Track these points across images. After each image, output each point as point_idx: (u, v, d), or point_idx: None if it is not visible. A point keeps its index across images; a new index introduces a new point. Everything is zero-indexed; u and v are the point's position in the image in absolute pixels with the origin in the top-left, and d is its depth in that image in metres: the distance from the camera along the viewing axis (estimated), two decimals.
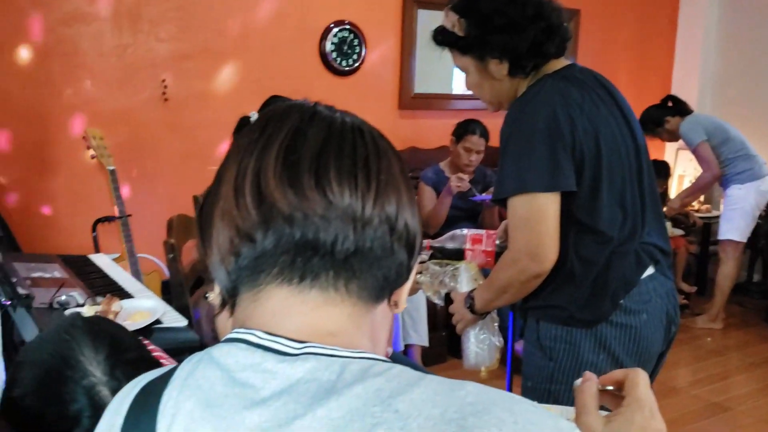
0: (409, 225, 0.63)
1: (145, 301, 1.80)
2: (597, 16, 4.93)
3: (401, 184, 0.64)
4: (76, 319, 1.03)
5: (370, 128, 0.67)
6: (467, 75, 1.59)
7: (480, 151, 3.68)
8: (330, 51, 3.83)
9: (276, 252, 0.59)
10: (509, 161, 1.45)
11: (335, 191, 0.58)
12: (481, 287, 1.61)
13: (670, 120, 4.29)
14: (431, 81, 4.42)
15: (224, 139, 2.90)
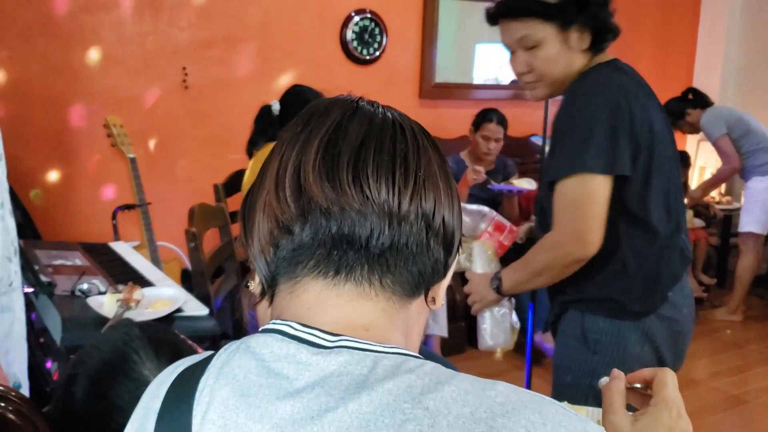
0: (446, 222, 0.63)
1: (166, 290, 1.82)
2: (619, 6, 4.83)
3: (440, 181, 0.64)
4: (134, 328, 0.98)
5: (412, 124, 0.66)
6: (541, 48, 1.50)
7: (498, 139, 3.66)
8: (351, 39, 3.82)
9: (313, 245, 0.60)
10: (567, 142, 1.44)
11: (372, 187, 0.59)
12: (512, 268, 1.57)
13: (691, 112, 4.25)
14: (452, 70, 4.40)
15: (245, 127, 2.90)
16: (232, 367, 0.59)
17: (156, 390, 0.65)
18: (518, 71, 1.55)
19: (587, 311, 1.52)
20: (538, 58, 1.51)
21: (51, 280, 1.72)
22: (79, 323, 1.55)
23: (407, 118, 0.67)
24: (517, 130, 4.43)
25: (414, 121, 0.67)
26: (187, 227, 1.96)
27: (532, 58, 1.51)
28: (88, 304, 1.62)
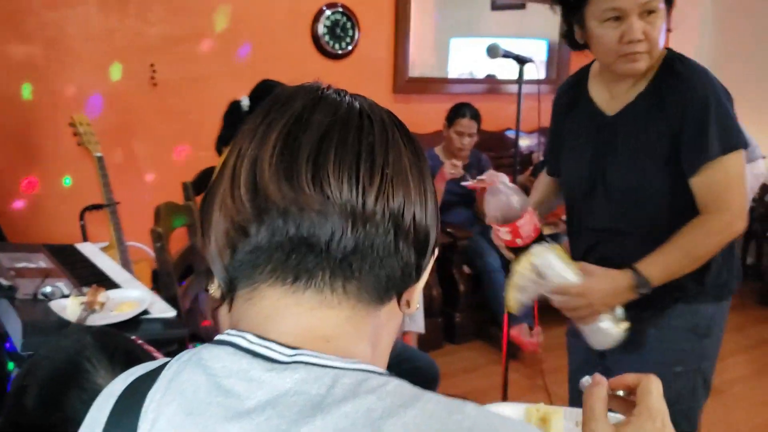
0: (418, 222, 0.59)
1: (132, 291, 1.77)
2: None
3: (411, 177, 0.59)
4: (86, 335, 0.95)
5: (383, 114, 0.62)
6: (657, 16, 1.46)
7: (472, 134, 3.65)
8: (323, 34, 3.78)
9: (270, 248, 0.55)
10: (720, 120, 1.45)
11: (333, 184, 0.54)
12: (664, 260, 1.42)
13: None
14: (427, 65, 4.38)
15: (215, 124, 2.84)
16: (182, 381, 0.55)
17: (104, 401, 0.62)
18: (635, 38, 1.44)
19: (698, 301, 1.50)
20: (656, 26, 1.46)
21: (11, 284, 1.67)
22: (40, 328, 1.50)
23: (377, 107, 0.62)
24: (492, 125, 4.42)
25: (386, 110, 0.63)
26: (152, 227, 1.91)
27: (649, 27, 1.45)
28: (50, 308, 1.57)
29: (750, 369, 3.45)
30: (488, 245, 3.69)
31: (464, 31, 4.58)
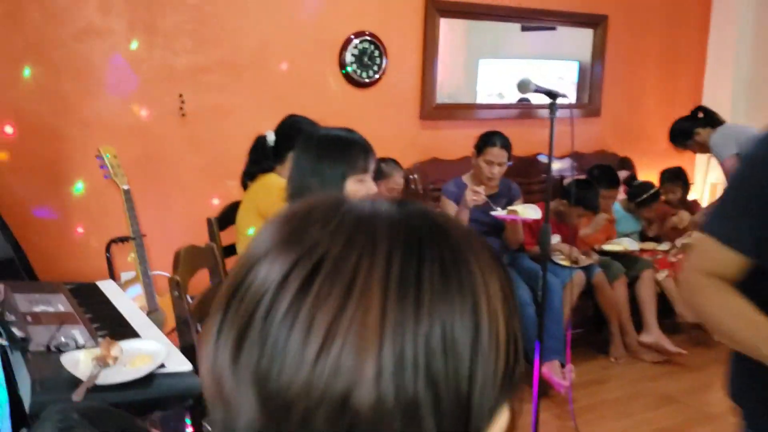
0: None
1: (147, 344, 1.72)
2: (625, 22, 4.77)
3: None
4: (73, 413, 0.88)
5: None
6: None
7: (502, 163, 3.56)
8: (350, 62, 3.74)
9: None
10: None
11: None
12: None
13: (701, 132, 4.13)
14: (455, 89, 4.32)
15: (243, 154, 2.82)
16: None
17: None
18: None
19: None
20: None
21: (25, 335, 1.63)
22: (50, 386, 1.46)
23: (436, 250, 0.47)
24: (522, 149, 4.34)
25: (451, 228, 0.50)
26: (171, 274, 1.87)
27: None
28: (62, 363, 1.53)
29: None
30: (518, 277, 3.60)
31: (493, 52, 4.52)
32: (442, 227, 0.49)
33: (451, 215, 0.53)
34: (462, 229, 0.51)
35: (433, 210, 0.51)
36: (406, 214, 0.49)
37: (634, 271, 3.96)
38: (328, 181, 1.74)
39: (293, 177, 1.84)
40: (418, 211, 0.50)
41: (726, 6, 5.07)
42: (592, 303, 3.83)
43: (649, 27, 4.93)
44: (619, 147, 4.87)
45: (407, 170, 3.88)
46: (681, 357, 3.79)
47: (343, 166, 1.77)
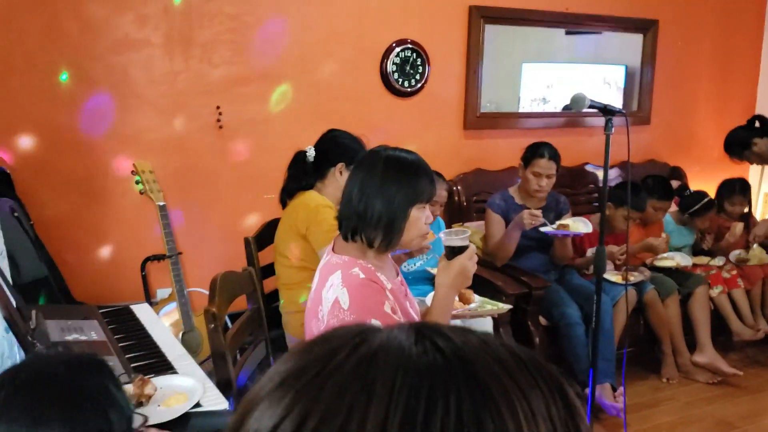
0: None
1: (183, 380, 1.63)
2: (676, 27, 4.57)
3: None
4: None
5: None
6: None
7: (550, 175, 3.40)
8: (392, 71, 3.63)
9: None
10: None
11: None
12: None
13: (759, 142, 3.93)
14: (498, 95, 4.18)
15: (283, 167, 2.73)
16: None
17: None
18: None
19: None
20: None
21: None
22: None
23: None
24: (569, 159, 4.18)
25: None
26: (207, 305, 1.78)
27: None
28: None
29: None
30: (567, 295, 3.44)
31: (537, 56, 4.36)
32: (469, 364, 0.40)
33: (487, 336, 0.41)
34: (501, 361, 0.41)
35: (463, 338, 0.42)
36: (423, 349, 0.41)
37: (687, 288, 3.77)
38: (395, 206, 1.70)
39: (350, 196, 1.75)
40: (440, 341, 0.42)
41: None
42: (643, 321, 3.66)
43: (701, 32, 4.72)
44: (669, 156, 4.68)
45: (450, 182, 3.76)
46: (737, 378, 3.59)
47: (411, 192, 1.72)
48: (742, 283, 3.96)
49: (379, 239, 1.73)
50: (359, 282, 1.68)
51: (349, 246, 1.77)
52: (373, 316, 1.66)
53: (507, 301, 3.24)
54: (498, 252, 3.43)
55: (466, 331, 0.44)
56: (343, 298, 1.66)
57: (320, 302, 1.72)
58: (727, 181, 4.29)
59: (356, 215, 1.72)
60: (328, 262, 1.78)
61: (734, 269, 4.00)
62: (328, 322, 1.68)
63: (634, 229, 3.86)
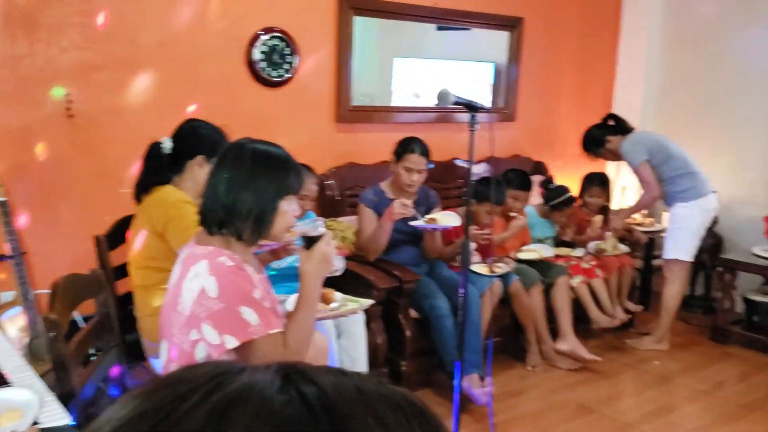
0: None
1: (17, 393, 1.47)
2: (541, 26, 4.74)
3: None
4: None
5: None
6: None
7: (421, 170, 3.42)
8: (258, 60, 3.51)
9: None
10: None
11: None
12: None
13: (612, 139, 4.16)
14: (370, 88, 4.16)
15: (137, 161, 2.56)
16: None
17: None
18: None
19: None
20: None
21: None
22: None
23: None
24: (440, 154, 4.24)
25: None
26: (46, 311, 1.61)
27: None
28: None
29: (706, 419, 3.31)
30: (436, 287, 3.48)
31: (409, 51, 4.39)
32: (338, 420, 0.35)
33: (366, 380, 0.35)
34: (377, 415, 0.36)
35: (336, 386, 0.37)
36: (287, 398, 0.35)
37: (549, 278, 3.93)
38: (265, 199, 1.72)
39: (215, 189, 1.72)
40: (308, 390, 0.36)
41: (635, 14, 5.14)
42: (508, 311, 3.77)
43: (563, 32, 4.93)
44: (533, 151, 4.85)
45: (322, 176, 3.70)
46: (596, 364, 3.78)
47: (280, 185, 1.74)
48: (600, 273, 4.18)
49: (248, 232, 1.73)
50: (227, 269, 1.67)
51: (213, 239, 1.75)
52: (243, 304, 1.65)
53: (378, 296, 3.23)
54: (370, 245, 3.41)
55: (342, 374, 0.38)
56: (211, 286, 1.64)
57: (180, 294, 1.66)
58: (589, 175, 4.52)
59: (223, 208, 1.70)
60: (190, 254, 1.74)
61: (593, 260, 4.21)
62: (192, 313, 1.65)
63: (497, 223, 3.97)
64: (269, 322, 1.67)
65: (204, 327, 1.64)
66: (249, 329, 1.63)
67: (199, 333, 1.65)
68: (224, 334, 1.63)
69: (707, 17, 4.85)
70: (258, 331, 1.64)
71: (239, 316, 1.63)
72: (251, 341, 1.64)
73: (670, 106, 5.10)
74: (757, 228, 4.41)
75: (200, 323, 1.64)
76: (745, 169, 4.69)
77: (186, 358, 1.68)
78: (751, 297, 4.29)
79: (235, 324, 1.63)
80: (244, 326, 1.63)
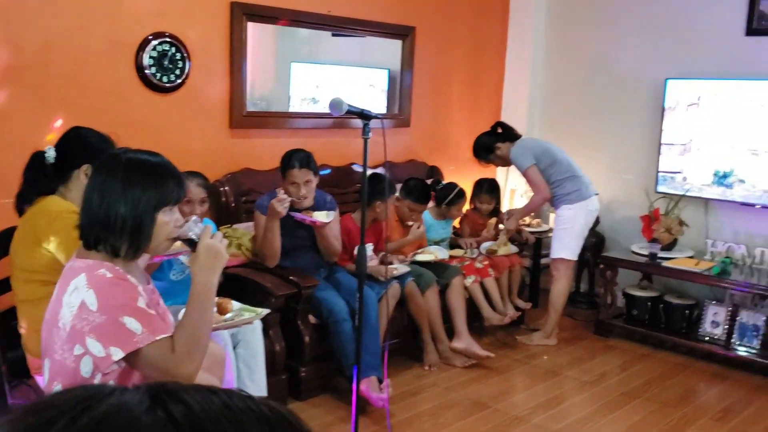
0: None
1: None
2: (432, 35, 4.88)
3: None
4: None
5: None
6: None
7: (308, 180, 3.42)
8: (148, 65, 3.43)
9: None
10: None
11: None
12: None
13: (501, 146, 4.37)
14: (267, 94, 4.15)
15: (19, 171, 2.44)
16: None
17: None
18: None
19: None
20: None
21: None
22: None
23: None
24: (337, 159, 4.29)
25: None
26: None
27: None
28: None
29: (592, 408, 3.51)
30: (335, 292, 3.52)
31: (306, 56, 4.41)
32: (202, 428, 0.37)
33: (234, 396, 0.37)
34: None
35: (204, 404, 0.38)
36: (153, 419, 0.36)
37: (445, 279, 4.05)
38: (140, 211, 1.66)
39: (90, 202, 1.68)
40: (176, 409, 0.37)
41: (520, 26, 5.38)
42: (405, 313, 3.85)
43: (454, 42, 5.09)
44: (427, 156, 4.98)
45: (217, 182, 3.65)
46: (489, 360, 3.93)
47: (157, 196, 1.69)
48: (492, 273, 4.34)
49: (125, 247, 1.68)
50: (107, 281, 1.63)
51: (92, 254, 1.70)
52: (125, 314, 1.62)
53: (276, 302, 3.23)
54: (265, 250, 3.40)
55: (211, 392, 0.40)
56: (90, 299, 1.61)
57: (60, 309, 1.62)
58: (479, 181, 4.71)
59: (98, 223, 1.66)
60: (71, 267, 1.70)
61: (486, 260, 4.37)
62: (74, 327, 1.61)
63: (396, 230, 4.07)
64: (155, 329, 1.64)
65: (88, 341, 1.60)
66: (134, 339, 1.61)
67: (84, 347, 1.61)
68: (109, 346, 1.60)
69: (585, 30, 5.15)
70: (143, 339, 1.61)
71: (123, 327, 1.61)
72: (138, 350, 1.61)
73: (553, 114, 5.37)
74: (635, 227, 4.72)
75: (84, 337, 1.60)
76: (622, 171, 5.00)
77: (70, 374, 1.63)
78: (630, 292, 4.59)
79: (120, 335, 1.60)
80: (128, 336, 1.60)
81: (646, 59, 4.85)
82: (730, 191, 4.42)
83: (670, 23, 4.73)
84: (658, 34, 4.80)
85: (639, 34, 4.88)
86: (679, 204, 4.55)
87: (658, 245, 4.49)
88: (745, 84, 4.32)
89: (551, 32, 5.33)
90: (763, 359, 3.97)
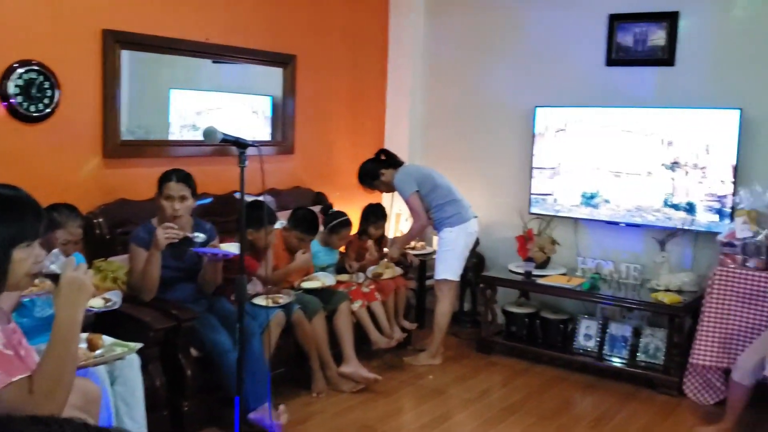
0: None
1: None
2: (313, 63, 4.94)
3: None
4: None
5: None
6: None
7: (184, 197, 3.39)
8: (14, 94, 3.28)
9: None
10: None
11: None
12: None
13: (385, 172, 4.51)
14: (145, 124, 4.06)
15: None
16: None
17: None
18: None
19: None
20: None
21: None
22: None
23: None
24: (220, 187, 4.24)
25: None
26: None
27: None
28: None
29: (475, 423, 3.62)
30: (217, 323, 3.46)
31: (185, 83, 4.35)
32: None
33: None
34: None
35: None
36: None
37: (332, 305, 4.07)
38: None
39: None
40: None
41: (399, 54, 5.55)
42: (292, 340, 3.84)
43: (335, 70, 5.18)
44: (313, 182, 5.01)
45: (90, 214, 3.52)
46: (376, 383, 3.98)
47: (11, 232, 1.61)
48: (379, 296, 4.41)
49: None
50: None
51: None
52: None
53: (155, 336, 3.14)
54: (143, 283, 3.31)
55: (45, 424, 0.40)
56: None
57: None
58: (368, 207, 4.79)
59: None
60: None
61: (372, 284, 4.43)
62: None
63: (282, 256, 4.06)
64: (11, 370, 1.57)
65: None
66: None
67: None
68: None
69: (462, 59, 5.38)
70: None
71: None
72: None
73: (434, 140, 5.56)
74: (511, 247, 4.94)
75: None
76: (499, 195, 5.23)
77: None
78: (509, 309, 4.78)
79: None
80: None
81: (518, 88, 5.13)
82: (597, 211, 4.72)
83: (539, 55, 5.03)
84: (528, 65, 5.08)
85: (511, 64, 5.16)
86: (551, 224, 4.81)
87: (533, 264, 4.72)
88: (607, 111, 4.65)
89: (430, 61, 5.53)
90: (632, 368, 4.24)
